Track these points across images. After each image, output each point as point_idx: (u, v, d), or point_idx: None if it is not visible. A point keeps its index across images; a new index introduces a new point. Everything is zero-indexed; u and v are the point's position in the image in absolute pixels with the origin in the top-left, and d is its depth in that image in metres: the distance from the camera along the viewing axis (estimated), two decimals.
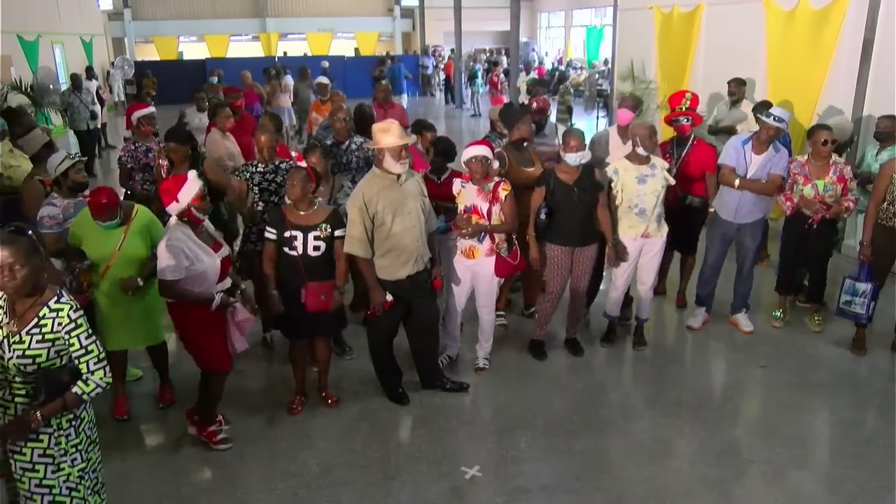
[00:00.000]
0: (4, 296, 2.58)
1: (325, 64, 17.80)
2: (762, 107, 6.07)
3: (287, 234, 4.09)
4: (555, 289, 4.97)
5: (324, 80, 9.87)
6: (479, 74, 19.73)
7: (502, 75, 19.49)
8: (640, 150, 4.83)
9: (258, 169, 4.93)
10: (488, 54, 27.80)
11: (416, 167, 4.79)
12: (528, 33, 32.52)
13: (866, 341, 5.14)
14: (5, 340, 2.55)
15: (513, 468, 3.89)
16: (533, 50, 29.84)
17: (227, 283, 3.98)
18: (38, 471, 2.61)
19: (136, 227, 4.13)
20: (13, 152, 5.77)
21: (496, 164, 4.69)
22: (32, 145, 5.44)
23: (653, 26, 10.14)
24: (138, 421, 4.40)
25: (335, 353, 4.99)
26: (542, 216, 4.79)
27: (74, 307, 2.59)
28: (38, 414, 2.53)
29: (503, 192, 4.52)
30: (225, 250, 3.97)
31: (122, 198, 5.23)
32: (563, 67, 24.87)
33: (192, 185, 3.71)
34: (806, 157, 5.15)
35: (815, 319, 5.52)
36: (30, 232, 2.57)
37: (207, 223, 3.94)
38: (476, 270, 4.67)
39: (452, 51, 22.92)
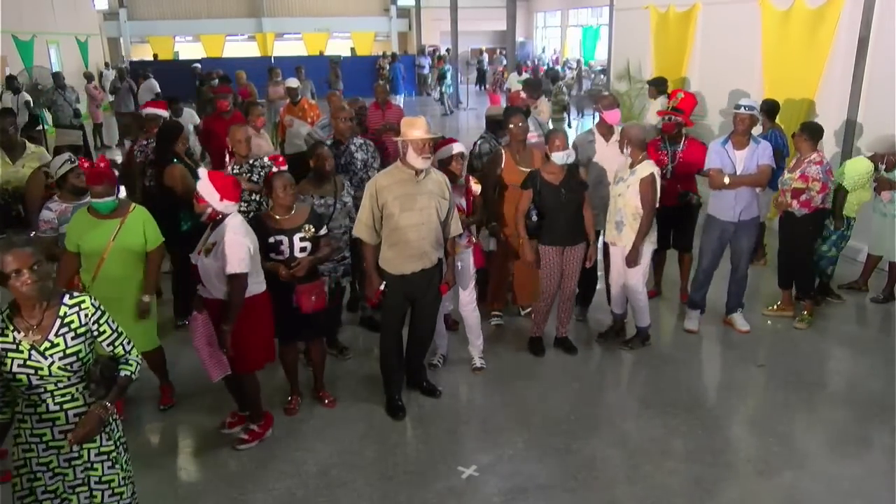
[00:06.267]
0: (2, 317, 2.53)
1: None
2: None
3: (272, 239, 4.07)
4: (549, 289, 5.00)
5: (293, 82, 9.32)
6: (448, 75, 19.88)
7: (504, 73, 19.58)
8: (625, 152, 4.87)
9: (234, 171, 4.84)
10: (481, 54, 27.77)
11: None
12: (525, 33, 32.55)
13: (863, 339, 5.15)
14: (33, 351, 2.50)
15: (510, 468, 3.89)
16: (528, 50, 29.83)
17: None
18: (97, 468, 2.66)
19: (131, 221, 4.06)
20: (33, 153, 5.83)
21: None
22: (63, 140, 5.45)
23: (649, 26, 10.17)
24: (137, 422, 4.37)
25: (332, 354, 4.98)
26: (534, 219, 4.83)
27: (91, 296, 2.64)
28: (107, 403, 2.55)
29: (476, 186, 4.71)
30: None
31: (125, 193, 5.20)
32: (558, 67, 24.83)
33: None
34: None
35: (804, 316, 5.53)
36: (33, 234, 2.58)
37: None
38: (457, 265, 4.68)
39: (447, 50, 22.92)
